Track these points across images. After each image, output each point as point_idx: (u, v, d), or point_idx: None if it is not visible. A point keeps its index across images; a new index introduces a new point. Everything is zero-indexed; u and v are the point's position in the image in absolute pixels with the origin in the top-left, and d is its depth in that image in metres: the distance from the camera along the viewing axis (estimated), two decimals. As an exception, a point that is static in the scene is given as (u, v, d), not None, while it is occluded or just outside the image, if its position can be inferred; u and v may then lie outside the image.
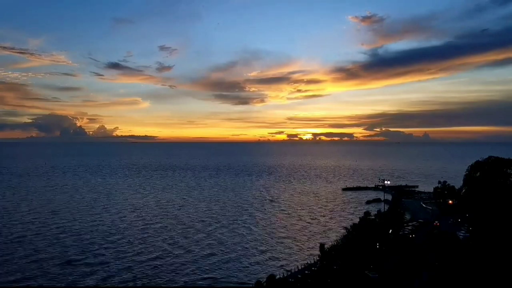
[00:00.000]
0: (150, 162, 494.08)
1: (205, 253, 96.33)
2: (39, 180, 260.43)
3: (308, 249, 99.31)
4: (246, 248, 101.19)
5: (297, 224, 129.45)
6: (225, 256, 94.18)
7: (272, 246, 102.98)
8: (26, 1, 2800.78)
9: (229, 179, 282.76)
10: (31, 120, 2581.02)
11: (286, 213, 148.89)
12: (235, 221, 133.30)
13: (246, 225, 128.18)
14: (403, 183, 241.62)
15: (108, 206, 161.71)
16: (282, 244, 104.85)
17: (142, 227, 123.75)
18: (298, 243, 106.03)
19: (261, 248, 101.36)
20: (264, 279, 69.36)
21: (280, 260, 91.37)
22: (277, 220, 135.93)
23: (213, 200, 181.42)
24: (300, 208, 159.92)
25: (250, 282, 75.96)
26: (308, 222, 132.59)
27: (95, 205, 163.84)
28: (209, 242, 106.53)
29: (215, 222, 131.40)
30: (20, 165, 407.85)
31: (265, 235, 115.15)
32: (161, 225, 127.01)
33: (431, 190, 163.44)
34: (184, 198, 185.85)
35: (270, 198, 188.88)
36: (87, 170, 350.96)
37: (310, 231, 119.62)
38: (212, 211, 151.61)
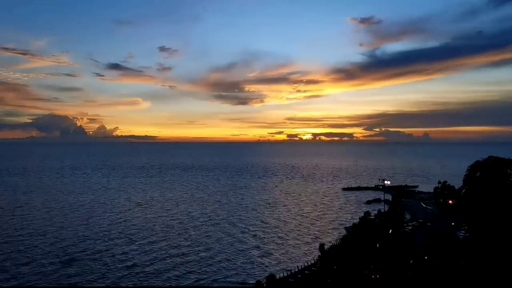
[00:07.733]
0: (153, 162, 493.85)
1: (205, 253, 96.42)
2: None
3: (308, 249, 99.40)
4: (246, 248, 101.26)
5: (297, 224, 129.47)
6: (225, 256, 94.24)
7: (272, 246, 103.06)
8: (29, 3, 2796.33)
9: (229, 179, 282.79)
10: (31, 120, 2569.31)
11: (286, 213, 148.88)
12: (235, 222, 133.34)
13: (246, 225, 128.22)
14: (403, 183, 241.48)
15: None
16: (282, 244, 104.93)
17: (140, 227, 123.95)
18: (298, 243, 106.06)
19: (261, 248, 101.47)
20: (264, 279, 69.42)
21: (280, 260, 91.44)
22: (277, 220, 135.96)
23: (213, 200, 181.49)
24: (300, 208, 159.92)
25: (250, 282, 76.05)
26: (308, 222, 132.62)
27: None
28: (209, 242, 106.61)
29: (215, 223, 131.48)
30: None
31: (265, 235, 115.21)
32: (160, 225, 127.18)
33: (431, 190, 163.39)
34: (185, 199, 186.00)
35: (270, 198, 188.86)
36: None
37: (310, 231, 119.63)
38: (212, 212, 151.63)
